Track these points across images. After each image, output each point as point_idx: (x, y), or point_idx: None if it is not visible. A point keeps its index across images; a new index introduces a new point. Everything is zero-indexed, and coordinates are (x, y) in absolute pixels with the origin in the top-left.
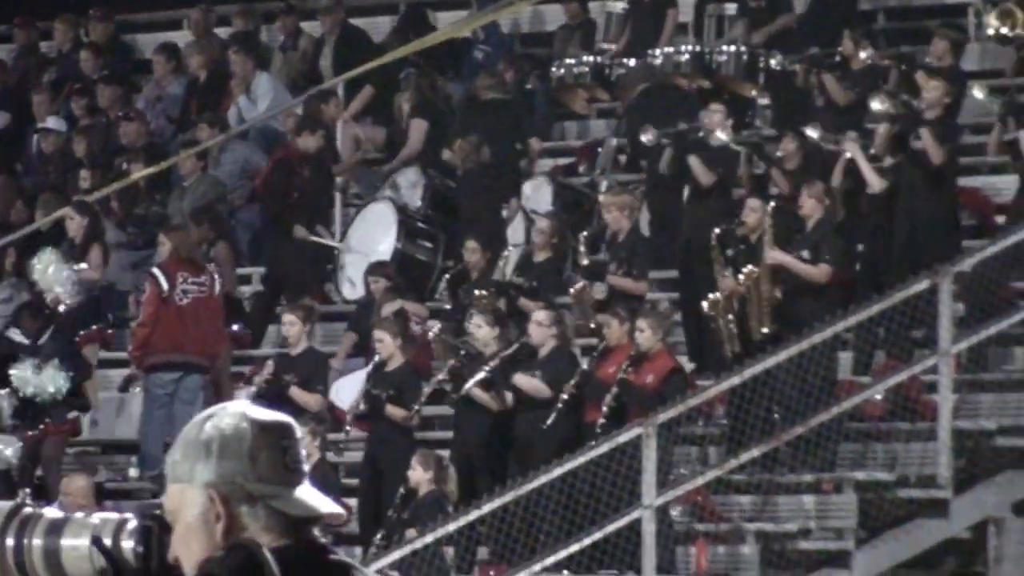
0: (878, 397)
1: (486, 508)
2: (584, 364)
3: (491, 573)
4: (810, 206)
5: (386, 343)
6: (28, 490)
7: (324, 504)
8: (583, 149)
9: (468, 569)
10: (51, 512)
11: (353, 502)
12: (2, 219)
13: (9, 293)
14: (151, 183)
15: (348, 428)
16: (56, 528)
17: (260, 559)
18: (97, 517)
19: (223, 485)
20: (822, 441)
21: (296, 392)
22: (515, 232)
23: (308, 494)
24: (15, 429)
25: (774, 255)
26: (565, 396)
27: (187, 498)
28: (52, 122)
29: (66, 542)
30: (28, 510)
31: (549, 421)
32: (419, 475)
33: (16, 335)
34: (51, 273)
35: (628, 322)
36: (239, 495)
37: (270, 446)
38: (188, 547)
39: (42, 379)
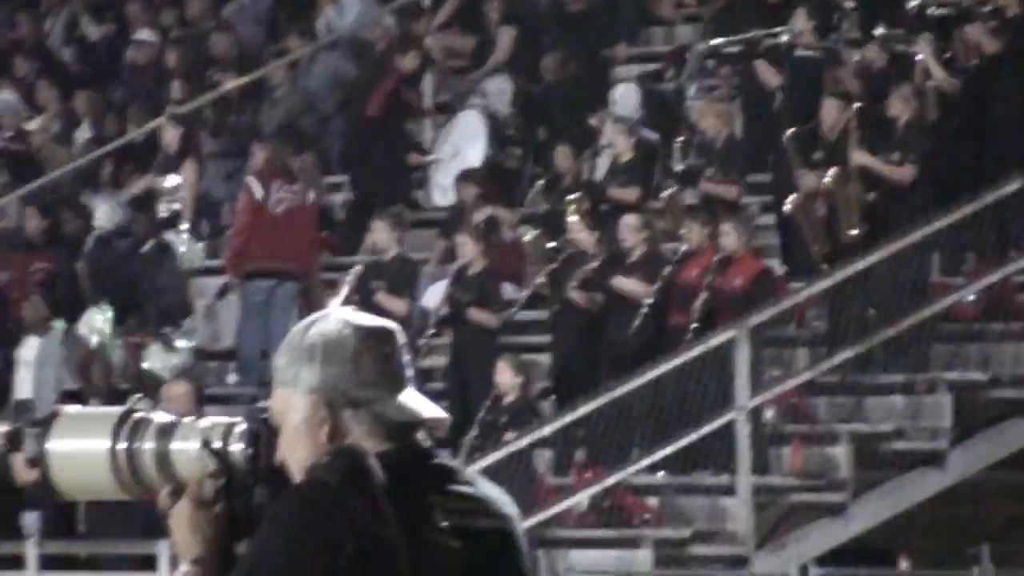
0: (971, 298)
1: (581, 411)
2: (668, 269)
3: (587, 475)
4: (898, 107)
5: (468, 247)
6: (139, 395)
7: (427, 409)
8: (670, 54)
9: (565, 472)
10: (161, 416)
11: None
12: (96, 132)
13: (110, 208)
14: (242, 93)
15: (431, 331)
16: (166, 432)
17: (365, 464)
18: (207, 421)
19: (327, 391)
20: (915, 342)
21: (383, 297)
22: (605, 138)
23: (411, 399)
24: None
25: (860, 157)
26: (651, 300)
27: (292, 403)
28: (145, 34)
29: (176, 445)
30: (139, 414)
31: (636, 324)
32: (507, 379)
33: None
34: None
35: (709, 226)
36: (343, 400)
37: (373, 352)
38: (294, 451)
39: None
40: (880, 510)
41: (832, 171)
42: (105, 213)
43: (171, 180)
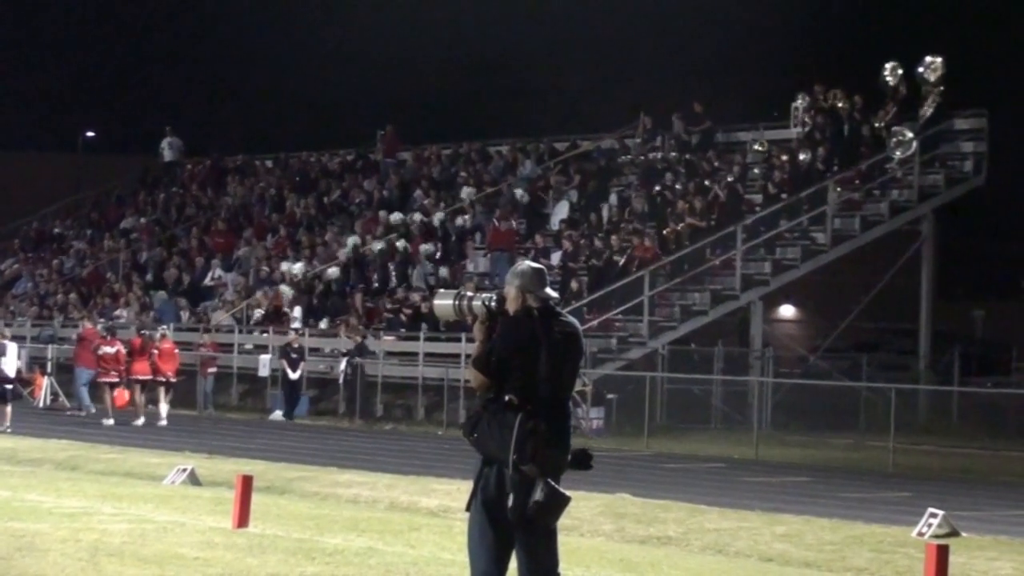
0: None
1: None
2: None
3: None
4: None
5: None
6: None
7: (554, 293)
8: None
9: None
10: (471, 294)
11: None
12: None
13: None
14: None
15: None
16: (470, 298)
17: (532, 310)
18: (485, 294)
19: (522, 287)
20: None
21: None
22: None
23: (550, 290)
24: None
25: None
26: None
27: (511, 292)
28: None
29: (475, 302)
30: (466, 292)
31: None
32: None
33: None
34: None
35: None
36: (526, 290)
37: (537, 275)
38: (511, 305)
39: None
40: None
41: None
42: None
43: None
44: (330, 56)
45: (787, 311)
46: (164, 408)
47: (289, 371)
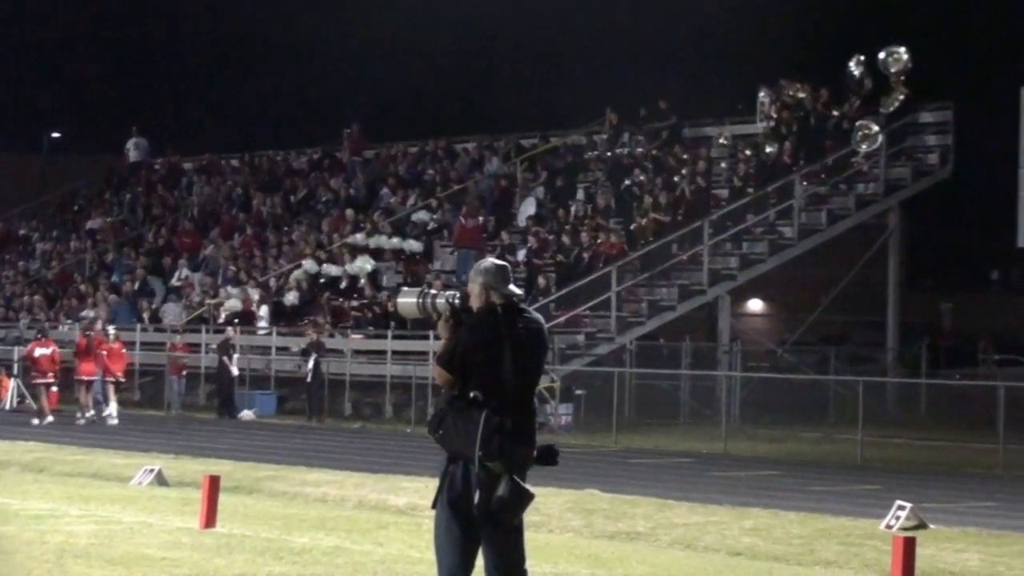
0: None
1: None
2: None
3: None
4: None
5: None
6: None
7: (517, 290)
8: None
9: None
10: (433, 290)
11: None
12: None
13: None
14: None
15: None
16: (434, 296)
17: (496, 307)
18: (448, 292)
19: (485, 284)
20: None
21: None
22: None
23: (514, 287)
24: None
25: None
26: None
27: (475, 289)
28: None
29: (439, 300)
30: (429, 290)
31: None
32: None
33: None
34: None
35: None
36: (490, 287)
37: (500, 271)
38: (475, 302)
39: None
40: None
41: None
42: None
43: None
44: (296, 55)
45: (755, 305)
46: (114, 407)
47: (233, 368)
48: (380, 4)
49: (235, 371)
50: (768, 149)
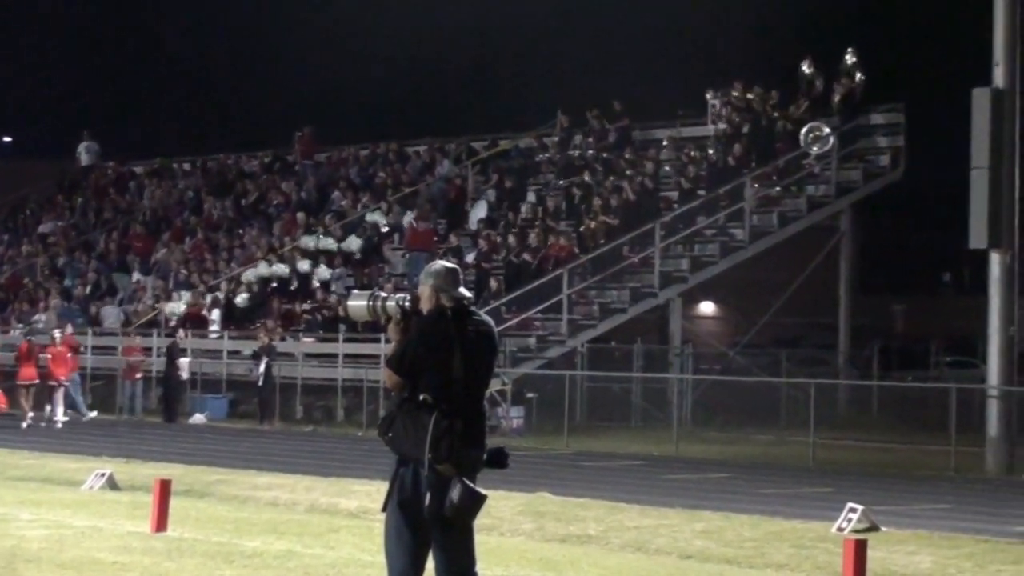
0: None
1: None
2: None
3: None
4: None
5: None
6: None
7: (466, 293)
8: None
9: None
10: (383, 292)
11: None
12: None
13: None
14: None
15: None
16: (384, 298)
17: (445, 310)
18: (399, 294)
19: (435, 286)
20: None
21: None
22: None
23: (463, 289)
24: None
25: None
26: None
27: (425, 291)
28: None
29: (389, 302)
30: (379, 293)
31: None
32: None
33: None
34: None
35: None
36: (440, 290)
37: (451, 274)
38: (425, 305)
39: None
40: None
41: None
42: None
43: None
44: (246, 58)
45: (706, 308)
46: (59, 410)
47: (183, 372)
48: (331, 7)
49: (185, 375)
50: (719, 152)
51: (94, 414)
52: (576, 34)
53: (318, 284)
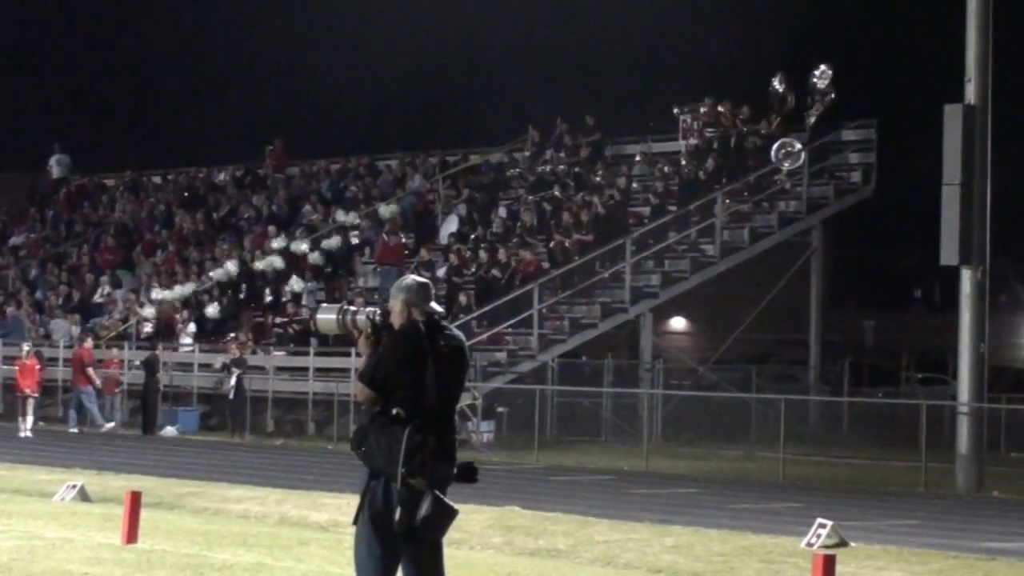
0: None
1: None
2: None
3: None
4: None
5: None
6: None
7: (438, 307)
8: None
9: None
10: (353, 307)
11: None
12: None
13: None
14: None
15: None
16: (354, 312)
17: (418, 324)
18: (369, 308)
19: (406, 301)
20: None
21: None
22: None
23: (433, 304)
24: None
25: None
26: None
27: (396, 306)
28: None
29: (359, 316)
30: (349, 307)
31: None
32: None
33: None
34: None
35: None
36: (411, 304)
37: (422, 289)
38: (396, 319)
39: None
40: None
41: None
42: None
43: None
44: (218, 71)
45: (677, 323)
46: (29, 421)
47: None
48: (301, 21)
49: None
50: (690, 167)
51: (111, 425)
52: (548, 49)
53: (290, 295)
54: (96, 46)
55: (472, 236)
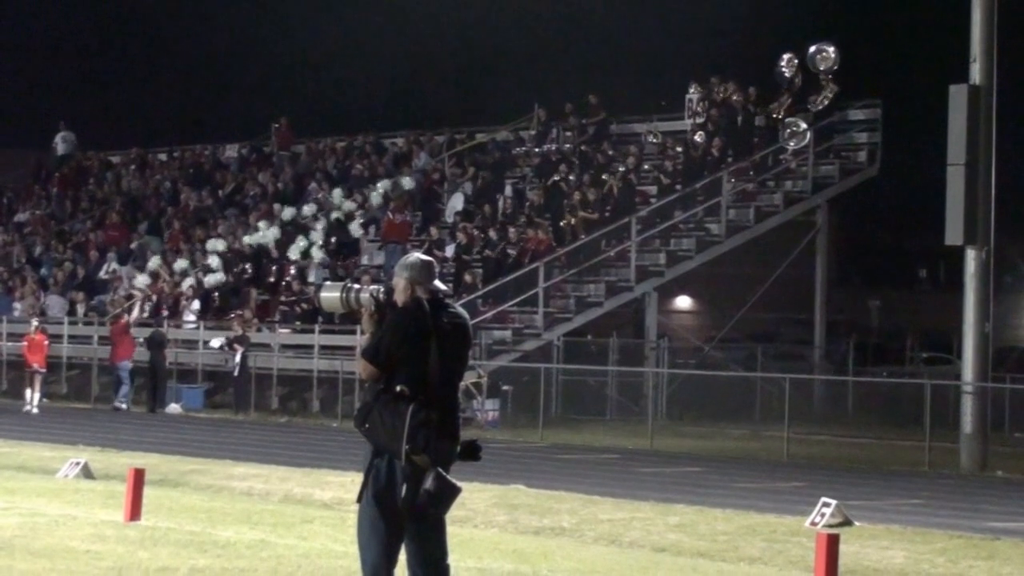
0: None
1: None
2: None
3: None
4: None
5: None
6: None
7: (442, 285)
8: None
9: None
10: (357, 285)
11: None
12: None
13: None
14: None
15: None
16: (358, 290)
17: (422, 301)
18: (373, 286)
19: (410, 279)
20: None
21: None
22: None
23: (438, 282)
24: None
25: None
26: None
27: (400, 283)
28: None
29: (363, 294)
30: (352, 284)
31: None
32: None
33: None
34: None
35: None
36: (415, 282)
37: (426, 267)
38: (400, 297)
39: None
40: None
41: None
42: None
43: None
44: (224, 48)
45: (682, 302)
46: (36, 397)
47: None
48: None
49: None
50: (696, 146)
51: (123, 406)
52: (555, 28)
53: (293, 271)
54: (102, 23)
55: (478, 215)
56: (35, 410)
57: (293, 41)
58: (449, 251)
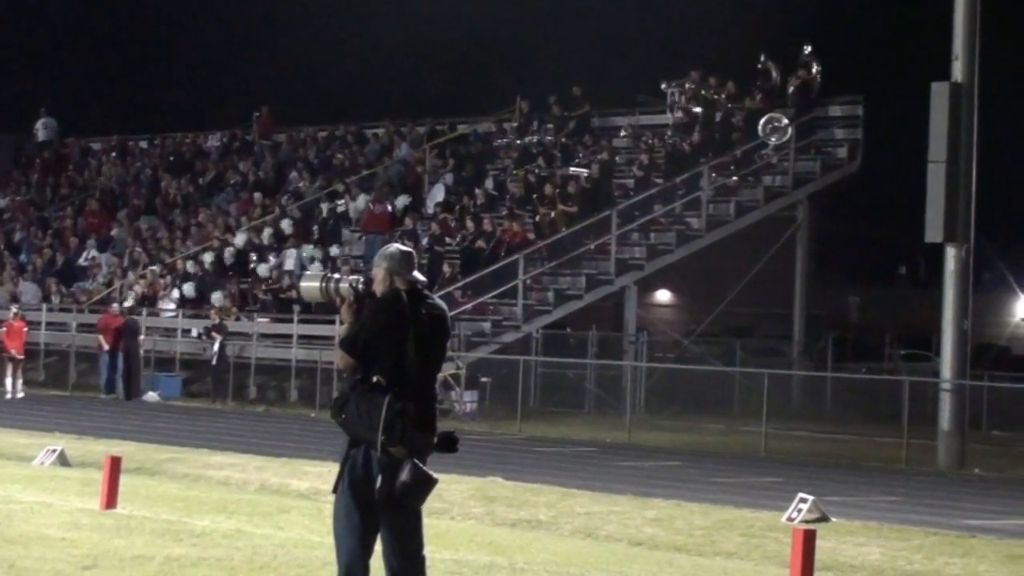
0: None
1: None
2: None
3: None
4: None
5: None
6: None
7: (421, 277)
8: None
9: None
10: (337, 274)
11: None
12: None
13: None
14: None
15: None
16: (337, 280)
17: (400, 292)
18: (353, 276)
19: (389, 269)
20: None
21: None
22: None
23: (416, 273)
24: None
25: None
26: None
27: (379, 274)
28: None
29: (342, 284)
30: (332, 275)
31: None
32: None
33: None
34: None
35: None
36: (394, 273)
37: (405, 257)
38: (379, 287)
39: None
40: None
41: None
42: None
43: None
44: (205, 36)
45: (662, 296)
46: (18, 383)
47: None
48: None
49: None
50: (676, 140)
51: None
52: (537, 20)
53: (273, 260)
54: (83, 10)
55: (458, 206)
56: (20, 394)
57: (275, 30)
58: (426, 242)
